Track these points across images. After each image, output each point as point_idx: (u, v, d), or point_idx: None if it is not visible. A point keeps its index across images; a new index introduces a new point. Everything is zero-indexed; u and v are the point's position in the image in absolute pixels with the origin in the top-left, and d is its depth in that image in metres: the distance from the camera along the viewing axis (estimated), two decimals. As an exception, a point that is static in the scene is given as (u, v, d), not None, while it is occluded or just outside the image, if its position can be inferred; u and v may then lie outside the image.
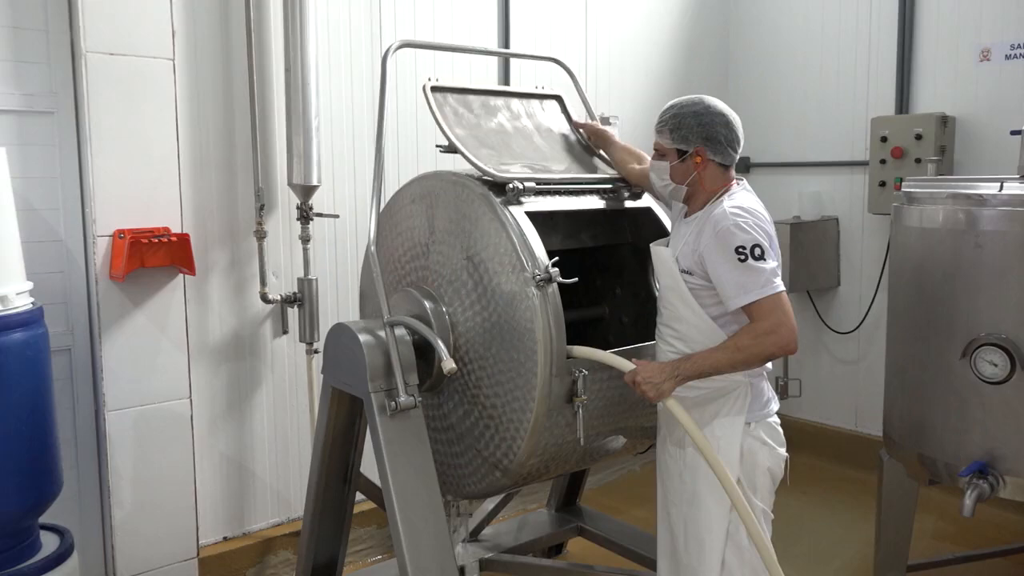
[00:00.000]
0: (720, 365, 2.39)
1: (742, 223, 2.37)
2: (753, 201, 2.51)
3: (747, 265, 2.32)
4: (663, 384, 2.39)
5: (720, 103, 2.57)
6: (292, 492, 3.87)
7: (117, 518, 3.25)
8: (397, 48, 2.99)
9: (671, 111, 2.58)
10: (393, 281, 2.99)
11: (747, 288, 2.33)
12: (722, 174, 2.55)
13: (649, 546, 3.51)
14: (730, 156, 2.54)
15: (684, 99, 2.58)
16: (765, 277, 2.32)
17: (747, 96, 5.62)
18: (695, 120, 2.52)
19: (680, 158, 2.54)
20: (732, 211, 2.40)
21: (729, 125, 2.54)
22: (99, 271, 3.15)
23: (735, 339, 2.37)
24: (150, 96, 3.21)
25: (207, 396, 3.60)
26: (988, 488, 2.91)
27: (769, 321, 2.32)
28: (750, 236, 2.35)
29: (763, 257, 2.33)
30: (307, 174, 3.58)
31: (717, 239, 2.38)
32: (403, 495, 2.56)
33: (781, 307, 2.33)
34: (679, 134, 2.53)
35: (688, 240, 2.50)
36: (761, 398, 2.55)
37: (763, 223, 2.43)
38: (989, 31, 4.50)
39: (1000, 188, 2.95)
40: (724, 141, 2.52)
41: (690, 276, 2.47)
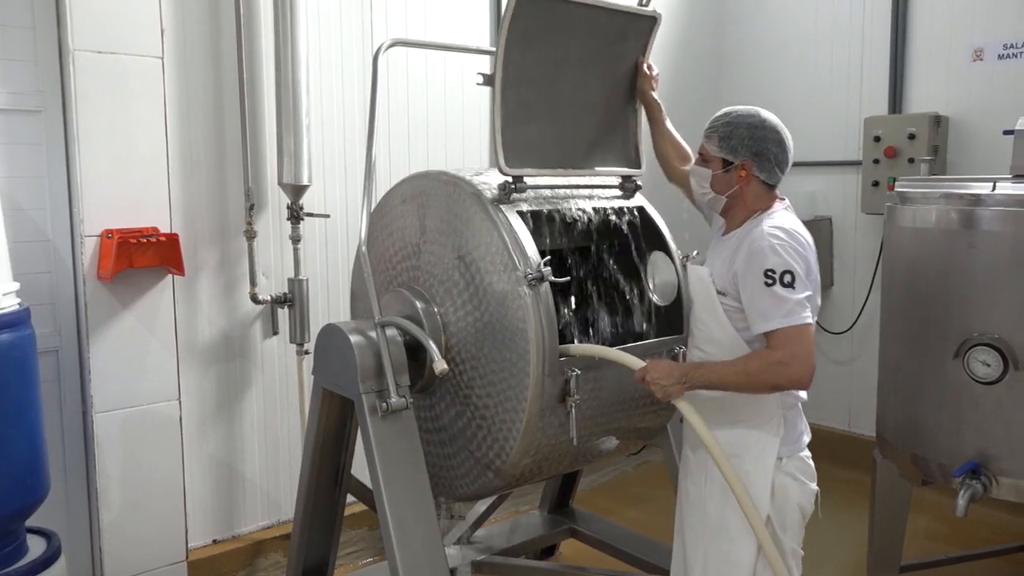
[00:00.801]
0: (727, 382, 2.30)
1: (777, 245, 2.26)
2: (795, 223, 2.40)
3: (772, 291, 2.23)
4: (671, 387, 2.33)
5: (777, 120, 2.46)
6: (282, 494, 3.85)
7: (105, 521, 3.22)
8: (388, 47, 2.97)
9: (724, 118, 2.46)
10: (384, 281, 2.97)
11: (767, 315, 2.24)
12: (765, 192, 2.45)
13: (642, 548, 3.51)
14: (776, 176, 2.44)
15: (740, 108, 2.47)
16: (788, 306, 2.21)
17: (739, 95, 5.61)
18: (748, 132, 2.41)
19: (724, 168, 2.44)
20: (770, 232, 2.30)
21: (782, 144, 2.44)
22: (87, 271, 3.12)
23: (746, 361, 2.29)
24: (139, 95, 3.19)
25: (196, 398, 3.57)
26: (981, 488, 2.91)
27: (783, 352, 2.21)
28: (782, 260, 2.24)
29: (792, 284, 2.23)
30: (297, 173, 3.56)
31: (750, 259, 2.29)
32: (394, 497, 2.54)
33: (800, 340, 2.21)
34: (728, 144, 2.42)
35: (725, 259, 2.41)
36: (794, 431, 2.45)
37: (802, 248, 2.31)
38: (982, 31, 4.51)
39: (993, 188, 2.95)
40: (773, 160, 2.42)
41: (725, 297, 2.38)
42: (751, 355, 2.30)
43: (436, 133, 4.27)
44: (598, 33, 2.77)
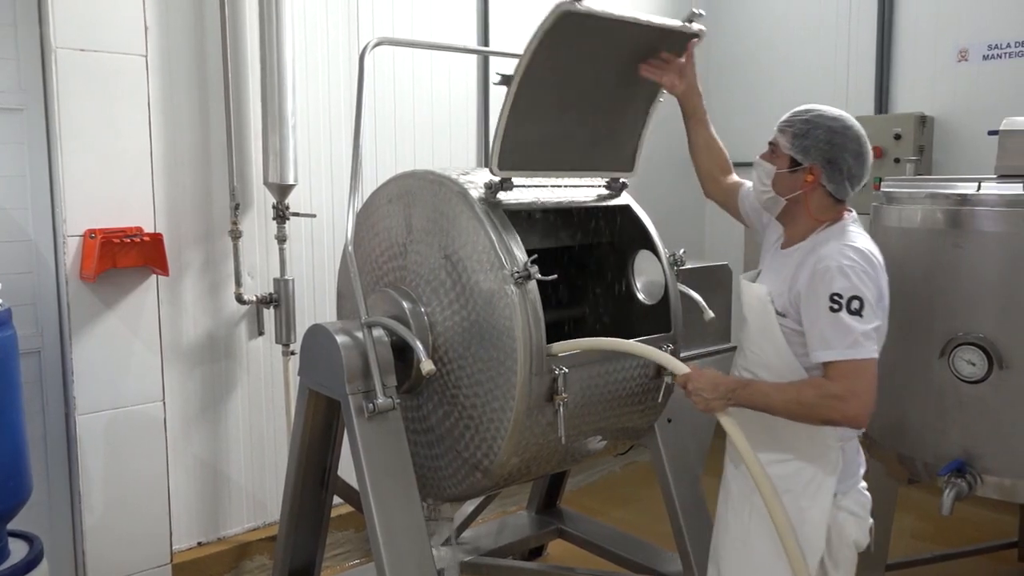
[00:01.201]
0: (774, 407, 2.13)
1: (847, 267, 2.06)
2: (867, 242, 2.19)
3: (837, 317, 2.04)
4: (713, 401, 2.17)
5: (861, 130, 2.23)
6: (268, 496, 3.82)
7: (88, 524, 3.19)
8: (375, 46, 2.95)
9: (805, 115, 2.25)
10: (371, 281, 2.95)
11: (830, 343, 2.05)
12: (831, 205, 2.23)
13: (629, 548, 3.50)
14: (845, 190, 2.21)
15: (826, 108, 2.25)
16: (853, 337, 2.03)
17: (726, 94, 5.64)
18: (826, 135, 2.19)
19: (791, 168, 2.22)
20: (843, 251, 2.10)
21: (860, 157, 2.20)
22: (69, 272, 3.09)
23: (800, 388, 2.10)
24: (122, 93, 3.16)
25: (181, 399, 3.55)
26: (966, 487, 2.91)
27: (841, 386, 2.04)
28: (851, 284, 2.05)
29: (859, 312, 2.04)
30: (283, 173, 3.54)
31: (815, 280, 2.09)
32: (381, 498, 2.53)
33: (862, 375, 2.04)
34: (802, 142, 2.21)
35: (785, 276, 2.21)
36: (853, 464, 2.29)
37: (874, 271, 2.12)
38: (967, 32, 4.54)
39: (978, 188, 2.96)
40: (846, 172, 2.19)
41: (785, 319, 2.19)
42: (806, 383, 2.13)
43: (423, 132, 4.26)
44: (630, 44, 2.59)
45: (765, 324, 2.23)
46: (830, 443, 2.21)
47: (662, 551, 3.42)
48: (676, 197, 5.56)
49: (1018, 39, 4.33)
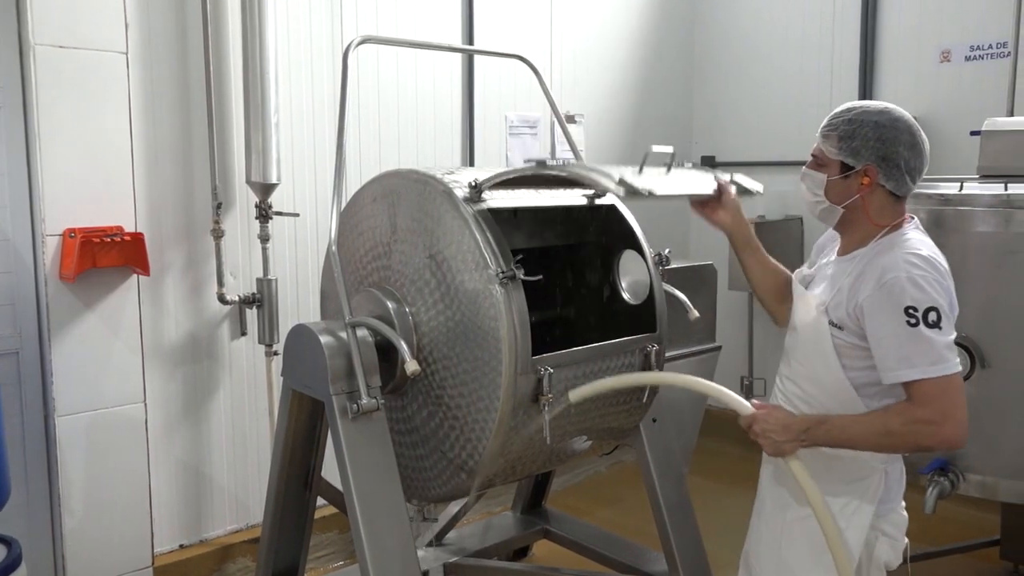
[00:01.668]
0: (858, 443, 1.99)
1: (919, 277, 1.92)
2: (932, 248, 2.05)
3: (916, 332, 1.88)
4: (785, 444, 2.00)
5: (911, 119, 2.09)
6: (251, 498, 3.80)
7: (68, 527, 3.16)
8: (359, 44, 2.93)
9: (847, 114, 2.09)
10: (355, 281, 2.93)
11: (912, 361, 1.90)
12: (892, 206, 2.08)
13: (615, 548, 3.50)
14: (906, 186, 2.07)
15: (868, 103, 2.10)
16: (937, 352, 1.89)
17: (712, 94, 5.66)
18: (874, 132, 2.04)
19: (843, 174, 2.07)
20: (909, 260, 1.95)
21: (916, 148, 2.06)
22: (48, 271, 3.05)
23: (885, 418, 1.95)
24: (102, 91, 3.13)
25: (162, 400, 3.51)
26: (949, 485, 2.94)
27: (932, 410, 1.89)
28: (926, 296, 1.90)
29: (938, 324, 1.89)
30: (266, 171, 3.51)
31: (883, 291, 1.94)
32: (365, 499, 2.51)
33: (950, 392, 1.90)
34: (849, 144, 2.06)
35: (843, 286, 2.06)
36: (896, 486, 2.18)
37: (945, 280, 1.98)
38: (949, 33, 4.57)
39: (960, 188, 2.98)
40: (904, 166, 2.04)
41: (840, 331, 2.05)
42: (890, 411, 1.97)
43: (407, 131, 4.24)
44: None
45: (816, 337, 2.10)
46: (874, 465, 2.10)
47: (648, 551, 3.42)
48: (661, 197, 5.57)
49: (1000, 40, 4.36)
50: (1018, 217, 2.84)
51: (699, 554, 3.07)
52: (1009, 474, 2.92)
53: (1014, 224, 2.85)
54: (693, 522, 3.10)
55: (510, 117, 4.69)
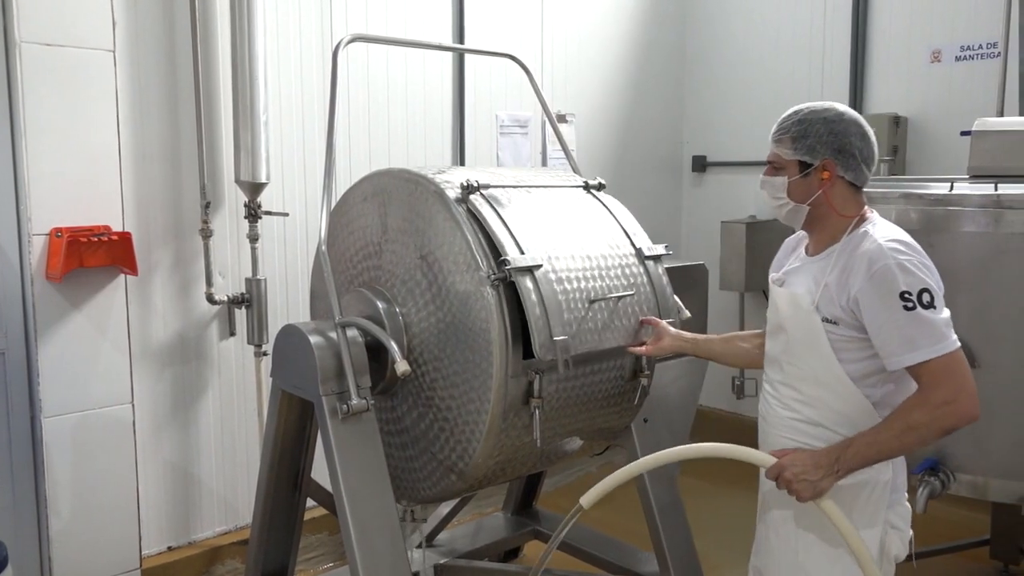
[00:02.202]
0: (889, 450, 1.99)
1: (906, 262, 1.96)
2: (901, 231, 2.09)
3: (915, 315, 1.92)
4: (821, 482, 1.97)
5: (856, 113, 2.17)
6: (240, 499, 3.77)
7: (54, 528, 3.13)
8: (348, 42, 2.91)
9: (795, 116, 2.16)
10: (345, 281, 2.92)
11: (916, 344, 1.92)
12: (854, 196, 2.14)
13: (607, 549, 3.49)
14: (863, 175, 2.14)
15: (812, 104, 2.17)
16: (938, 331, 1.93)
17: (703, 94, 5.66)
18: (825, 128, 2.11)
19: (802, 172, 2.13)
20: (890, 246, 1.99)
21: (866, 138, 2.13)
22: (35, 271, 3.03)
23: (904, 416, 1.96)
24: (89, 89, 3.10)
25: (150, 401, 3.49)
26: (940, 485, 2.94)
27: (945, 389, 1.92)
28: (916, 278, 1.95)
29: (932, 304, 1.93)
30: (255, 171, 3.49)
31: (875, 281, 1.97)
32: (355, 500, 2.50)
33: (957, 368, 1.93)
34: (804, 143, 2.12)
35: (830, 283, 2.07)
36: (900, 476, 2.18)
37: (927, 260, 2.02)
38: (940, 33, 4.58)
39: (950, 188, 2.98)
40: (858, 156, 2.11)
41: (835, 327, 2.06)
42: (904, 409, 1.98)
43: (397, 130, 4.22)
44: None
45: (810, 335, 2.11)
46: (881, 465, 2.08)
47: (639, 551, 3.42)
48: (653, 197, 5.58)
49: (990, 40, 4.37)
50: (1008, 217, 2.85)
51: (690, 554, 3.07)
52: (999, 474, 2.92)
53: (1004, 224, 2.86)
54: (684, 522, 3.10)
55: (501, 116, 4.68)
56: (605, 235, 2.83)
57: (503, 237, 2.52)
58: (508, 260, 2.45)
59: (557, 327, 2.47)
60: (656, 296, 2.80)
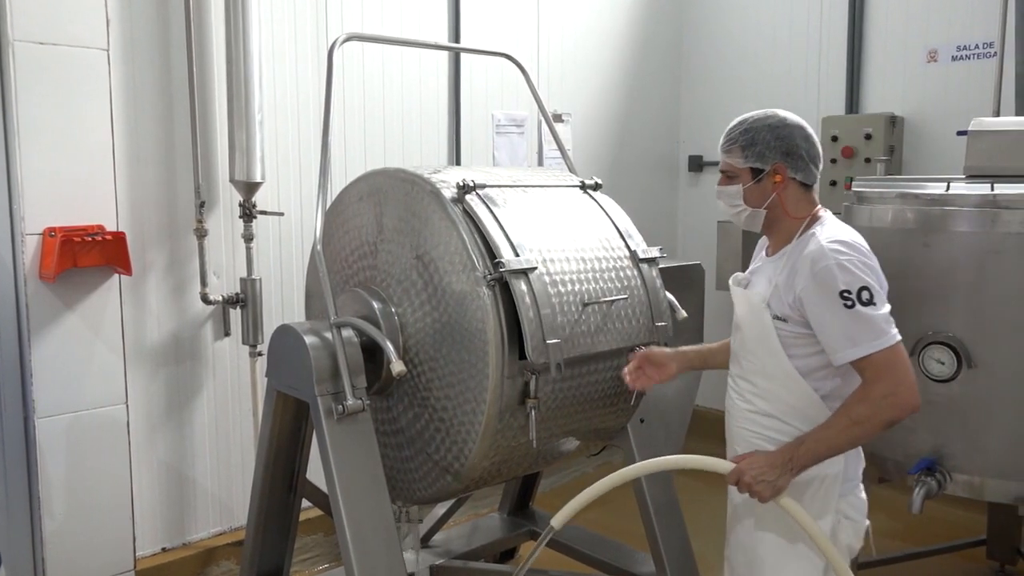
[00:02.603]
0: (839, 445, 2.09)
1: (845, 261, 2.05)
2: (850, 232, 2.18)
3: (855, 312, 2.02)
4: (779, 480, 2.08)
5: (796, 116, 2.28)
6: (235, 500, 3.76)
7: (48, 530, 3.11)
8: (344, 41, 2.91)
9: (741, 126, 2.26)
10: (340, 281, 2.91)
11: (856, 339, 2.02)
12: (805, 196, 2.25)
13: (603, 549, 3.49)
14: (812, 174, 2.25)
15: (755, 113, 2.28)
16: (877, 326, 2.02)
17: (699, 93, 5.65)
18: (771, 134, 2.22)
19: (755, 178, 2.23)
20: (831, 247, 2.08)
21: (810, 139, 2.25)
22: (28, 271, 3.01)
23: (848, 411, 2.06)
24: (83, 88, 3.08)
25: (144, 401, 3.47)
26: (936, 485, 2.93)
27: (885, 383, 2.01)
28: (855, 277, 2.04)
29: (872, 302, 2.02)
30: (250, 170, 3.48)
31: (816, 281, 2.07)
32: (351, 501, 2.49)
33: (897, 362, 2.02)
34: (754, 151, 2.22)
35: (779, 282, 2.17)
36: (853, 466, 2.25)
37: (869, 259, 2.10)
38: (936, 33, 4.59)
39: (947, 188, 2.98)
40: (806, 156, 2.22)
41: (784, 324, 2.15)
42: (850, 403, 2.07)
43: (392, 129, 4.21)
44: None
45: (761, 332, 2.20)
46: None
47: (635, 552, 3.41)
48: (650, 197, 5.57)
49: (986, 40, 4.38)
50: (1004, 217, 2.84)
51: (687, 555, 3.06)
52: (996, 474, 2.92)
53: (1000, 224, 2.85)
54: (681, 522, 3.09)
55: (497, 116, 4.67)
56: (600, 236, 2.84)
57: (498, 238, 2.52)
58: (503, 262, 2.46)
59: (550, 330, 2.48)
60: (650, 299, 2.81)
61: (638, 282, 2.80)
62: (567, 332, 2.52)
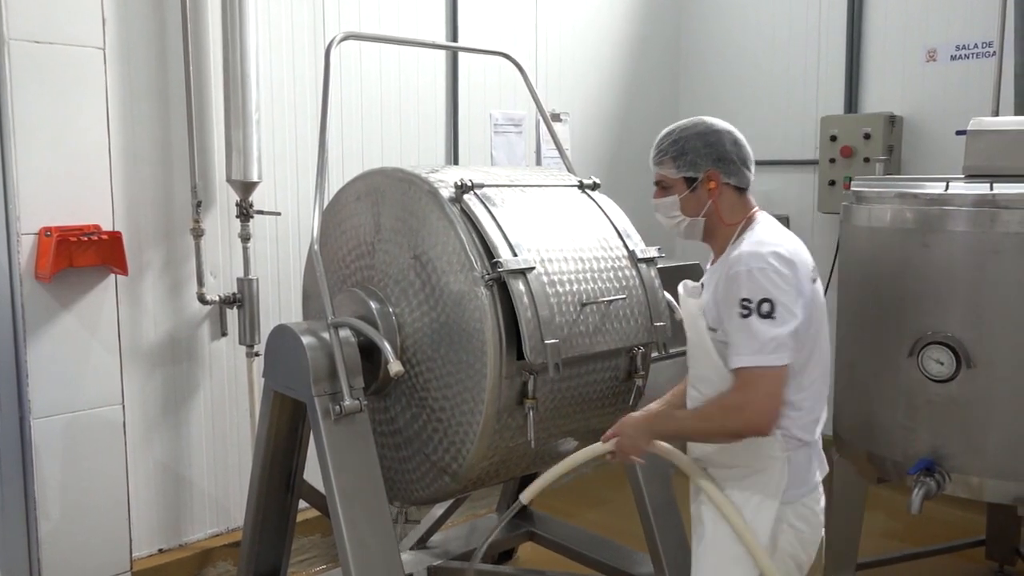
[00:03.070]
0: (687, 432, 2.20)
1: (755, 269, 2.03)
2: (776, 235, 2.16)
3: (747, 322, 2.00)
4: (639, 440, 2.21)
5: (723, 122, 2.28)
6: (232, 500, 3.75)
7: (44, 531, 3.10)
8: (341, 40, 2.89)
9: (670, 136, 2.26)
10: (337, 281, 2.90)
11: (739, 349, 2.02)
12: (740, 200, 2.25)
13: (601, 550, 3.48)
14: (745, 177, 2.25)
15: (682, 122, 2.28)
16: (759, 342, 1.99)
17: (698, 92, 5.65)
18: (701, 141, 2.22)
19: (690, 187, 2.23)
20: (748, 253, 2.07)
21: (738, 143, 2.25)
22: (24, 271, 3.00)
23: (706, 406, 2.14)
24: (79, 87, 3.07)
25: (141, 402, 3.46)
26: (935, 485, 2.92)
27: (739, 396, 2.03)
28: (759, 287, 2.01)
29: (770, 315, 1.99)
30: (247, 170, 3.47)
31: (727, 285, 2.08)
32: (348, 502, 2.49)
33: (760, 383, 2.00)
34: (685, 160, 2.22)
35: (712, 290, 2.19)
36: (802, 473, 2.18)
37: (784, 266, 2.05)
38: (935, 32, 4.59)
39: (946, 188, 2.97)
40: (737, 160, 2.23)
41: (715, 332, 2.16)
42: (712, 400, 2.14)
43: (390, 129, 4.20)
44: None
45: (697, 339, 2.22)
46: (775, 454, 2.13)
47: (634, 553, 3.40)
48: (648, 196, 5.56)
49: (985, 40, 4.38)
50: (1003, 217, 2.84)
51: (685, 555, 3.04)
52: (995, 474, 2.91)
53: (999, 224, 2.85)
54: (679, 523, 3.09)
55: (495, 115, 4.66)
56: (599, 236, 2.83)
57: (496, 238, 2.52)
58: (501, 262, 2.45)
59: (548, 331, 2.47)
60: (648, 299, 2.81)
61: (636, 282, 2.79)
62: (565, 332, 2.52)
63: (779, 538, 2.16)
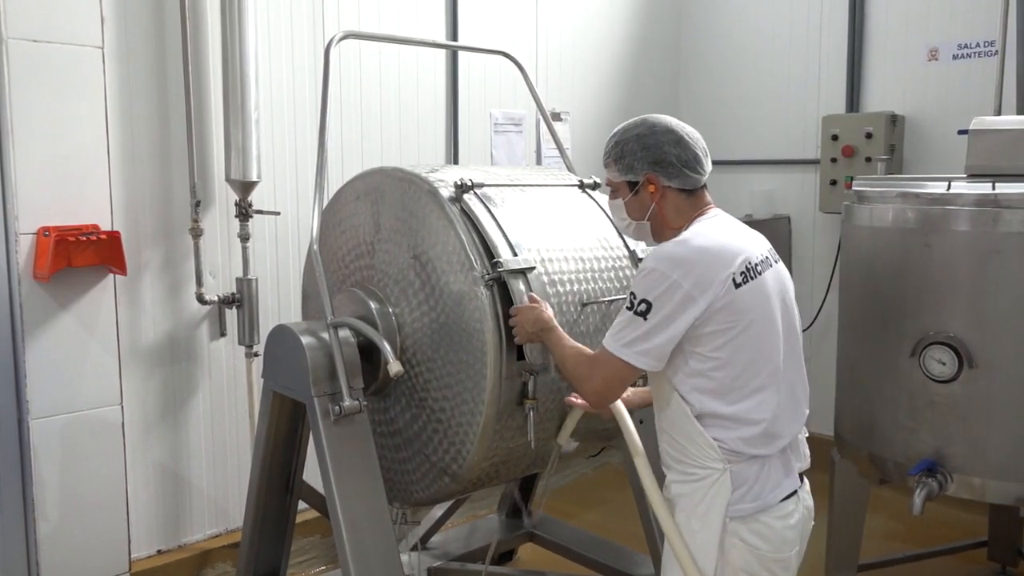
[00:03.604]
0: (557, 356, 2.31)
1: (649, 270, 2.05)
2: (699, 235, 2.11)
3: (629, 315, 2.05)
4: (528, 327, 2.35)
5: (668, 119, 2.23)
6: (231, 501, 3.74)
7: (42, 532, 3.09)
8: (340, 39, 2.89)
9: (613, 139, 2.24)
10: (337, 281, 2.89)
11: (612, 330, 2.09)
12: (687, 202, 2.19)
13: (601, 551, 3.48)
14: (688, 178, 2.17)
15: (627, 123, 2.25)
16: (624, 336, 2.04)
17: (698, 92, 5.64)
18: (638, 144, 2.17)
19: (633, 191, 2.21)
20: (659, 254, 2.08)
21: (681, 143, 2.17)
22: (22, 271, 2.99)
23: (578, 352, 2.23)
24: (77, 86, 3.06)
25: (139, 402, 3.45)
26: (937, 486, 2.92)
27: (589, 368, 2.14)
28: (646, 286, 2.03)
29: (644, 315, 2.01)
30: (246, 169, 3.46)
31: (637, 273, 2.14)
32: (348, 503, 2.48)
33: (606, 368, 2.08)
34: (624, 163, 2.20)
35: None
36: (750, 489, 2.09)
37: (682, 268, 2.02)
38: (937, 31, 4.58)
39: (948, 187, 2.96)
40: (677, 162, 2.16)
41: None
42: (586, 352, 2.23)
43: (389, 128, 4.20)
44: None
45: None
46: (713, 465, 2.08)
47: (634, 554, 3.40)
48: (647, 196, 5.56)
49: (987, 39, 4.37)
50: (1006, 216, 2.83)
51: (686, 557, 3.04)
52: (997, 475, 2.90)
53: (1002, 223, 2.84)
54: (680, 525, 3.07)
55: (495, 114, 4.65)
56: (599, 236, 2.82)
57: (496, 238, 2.51)
58: (501, 262, 2.44)
59: (549, 331, 2.45)
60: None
61: (637, 282, 2.78)
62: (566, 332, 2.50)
63: (731, 552, 2.08)
